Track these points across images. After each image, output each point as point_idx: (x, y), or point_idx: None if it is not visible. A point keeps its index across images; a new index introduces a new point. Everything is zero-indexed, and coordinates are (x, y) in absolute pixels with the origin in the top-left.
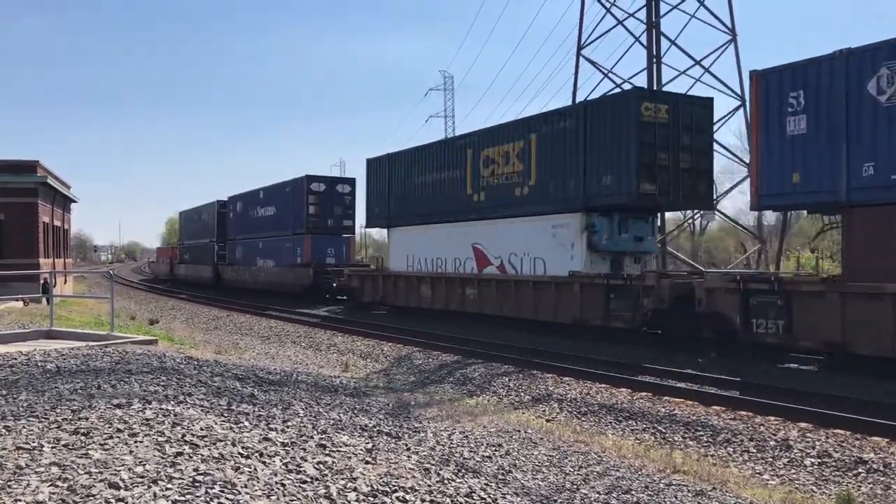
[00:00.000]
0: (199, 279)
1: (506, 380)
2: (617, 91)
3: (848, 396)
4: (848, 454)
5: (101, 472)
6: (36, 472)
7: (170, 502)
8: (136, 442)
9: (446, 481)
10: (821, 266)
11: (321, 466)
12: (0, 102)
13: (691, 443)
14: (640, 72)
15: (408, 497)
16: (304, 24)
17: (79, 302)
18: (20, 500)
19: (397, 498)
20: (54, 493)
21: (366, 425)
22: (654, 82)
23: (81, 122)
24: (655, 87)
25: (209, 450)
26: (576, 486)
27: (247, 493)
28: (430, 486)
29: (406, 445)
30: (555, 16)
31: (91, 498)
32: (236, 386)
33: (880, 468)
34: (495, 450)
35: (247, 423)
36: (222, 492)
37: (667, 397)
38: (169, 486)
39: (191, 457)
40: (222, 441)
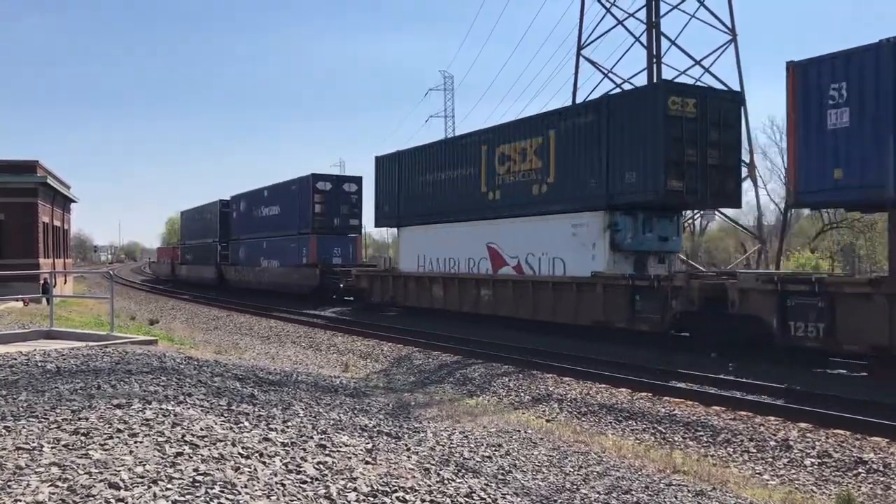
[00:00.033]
0: (201, 280)
1: (506, 380)
2: (617, 90)
3: (848, 397)
4: (848, 454)
5: (101, 473)
6: (36, 473)
7: (170, 502)
8: (136, 442)
9: (446, 481)
10: (820, 266)
11: (321, 466)
12: (0, 102)
13: (691, 443)
14: (640, 72)
15: (408, 497)
16: (304, 24)
17: (79, 302)
18: (20, 500)
19: (397, 498)
20: (54, 493)
21: (366, 425)
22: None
23: (81, 122)
24: None
25: (209, 450)
26: (576, 487)
27: (247, 494)
28: (430, 486)
29: (406, 445)
30: (555, 16)
31: (91, 498)
32: (236, 386)
33: (880, 468)
34: (495, 450)
35: (247, 424)
36: (222, 492)
37: (667, 397)
38: (169, 486)
39: (191, 457)
40: (222, 441)
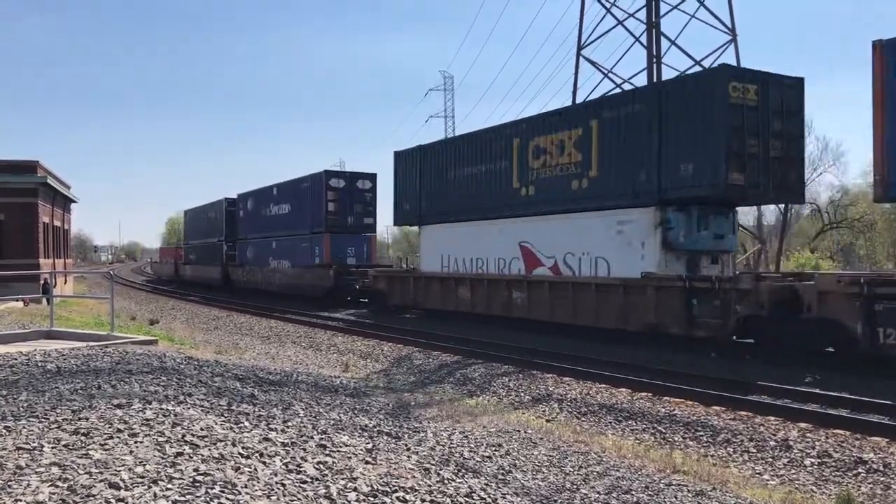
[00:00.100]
0: (206, 280)
1: (506, 380)
2: (617, 90)
3: (848, 396)
4: (848, 454)
5: (102, 473)
6: (36, 472)
7: (170, 502)
8: (136, 442)
9: (446, 481)
10: (820, 266)
11: (321, 466)
12: (0, 102)
13: (691, 443)
14: (640, 72)
15: (408, 497)
16: (304, 24)
17: (79, 302)
18: (20, 500)
19: (397, 498)
20: (54, 493)
21: (366, 425)
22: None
23: (81, 122)
24: None
25: (209, 450)
26: (576, 486)
27: (247, 494)
28: (430, 486)
29: (406, 445)
30: (555, 16)
31: (91, 498)
32: (236, 386)
33: (880, 468)
34: (495, 450)
35: (247, 424)
36: (222, 492)
37: (667, 397)
38: (169, 486)
39: (191, 457)
40: (222, 441)
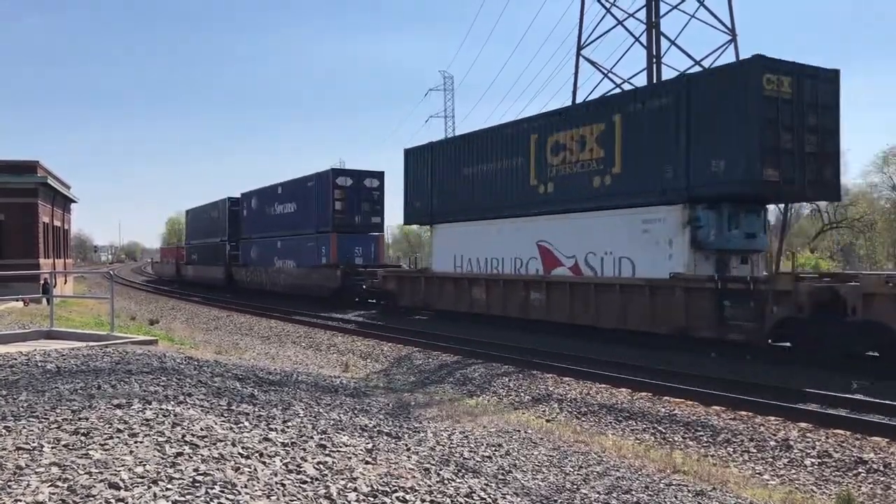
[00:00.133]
0: (209, 280)
1: (506, 380)
2: (617, 90)
3: (848, 396)
4: (848, 454)
5: (101, 473)
6: (36, 473)
7: (170, 502)
8: (136, 442)
9: (446, 481)
10: (819, 266)
11: (321, 466)
12: (0, 102)
13: (691, 443)
14: (640, 72)
15: (408, 497)
16: (304, 24)
17: (79, 302)
18: (20, 500)
19: (397, 498)
20: (54, 494)
21: (366, 425)
22: (654, 83)
23: (81, 122)
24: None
25: (209, 450)
26: (576, 486)
27: (247, 494)
28: (430, 486)
29: (406, 445)
30: (555, 16)
31: (91, 498)
32: (236, 386)
33: (880, 468)
34: (495, 450)
35: (247, 424)
36: (222, 492)
37: (667, 397)
38: (169, 486)
39: (191, 457)
40: (222, 441)
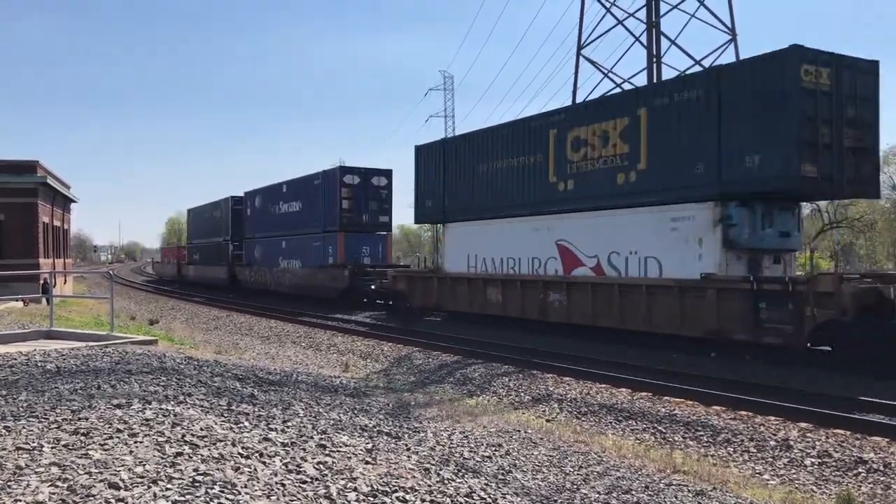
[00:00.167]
0: (211, 281)
1: (506, 380)
2: (617, 90)
3: (848, 396)
4: (848, 454)
5: (101, 473)
6: (36, 473)
7: (170, 502)
8: (136, 442)
9: (446, 481)
10: (819, 265)
11: (321, 466)
12: (0, 102)
13: (691, 443)
14: (640, 72)
15: (408, 497)
16: (304, 24)
17: (79, 302)
18: (20, 500)
19: (397, 498)
20: (54, 493)
21: (366, 425)
22: (654, 82)
23: (81, 122)
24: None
25: (209, 450)
26: (576, 486)
27: (247, 494)
28: (430, 486)
29: (406, 445)
30: (555, 16)
31: (91, 498)
32: (236, 386)
33: (880, 468)
34: (495, 450)
35: (247, 424)
36: (222, 492)
37: (667, 397)
38: (169, 486)
39: (191, 457)
40: (222, 441)
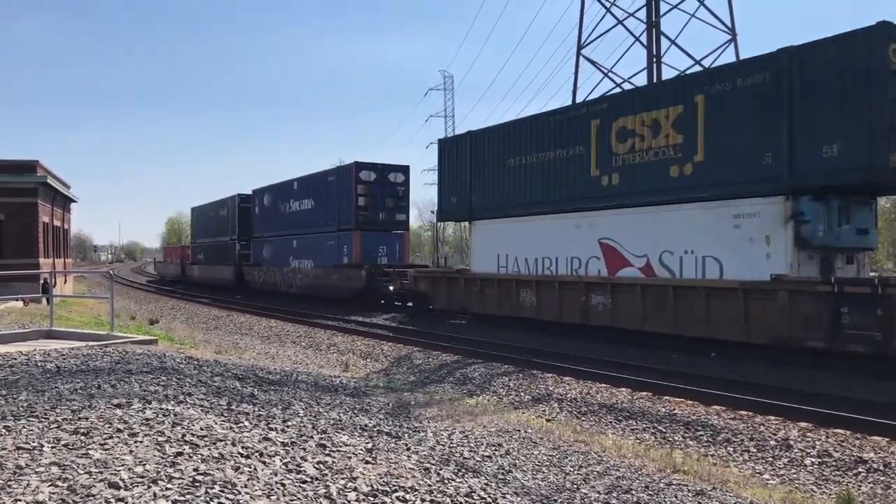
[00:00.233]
0: (216, 281)
1: (506, 379)
2: (617, 90)
3: (848, 396)
4: (848, 454)
5: (101, 472)
6: (36, 472)
7: (170, 502)
8: (136, 442)
9: (446, 481)
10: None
11: (321, 466)
12: (0, 102)
13: (691, 442)
14: (640, 71)
15: (408, 497)
16: (304, 24)
17: (79, 302)
18: (20, 500)
19: (397, 498)
20: (54, 493)
21: (366, 425)
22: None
23: (81, 122)
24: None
25: (209, 450)
26: (576, 486)
27: (247, 493)
28: (430, 485)
29: (406, 445)
30: (555, 16)
31: (91, 498)
32: (236, 386)
33: (880, 468)
34: (495, 449)
35: (247, 423)
36: (222, 492)
37: (667, 397)
38: (169, 485)
39: (191, 457)
40: (222, 441)
